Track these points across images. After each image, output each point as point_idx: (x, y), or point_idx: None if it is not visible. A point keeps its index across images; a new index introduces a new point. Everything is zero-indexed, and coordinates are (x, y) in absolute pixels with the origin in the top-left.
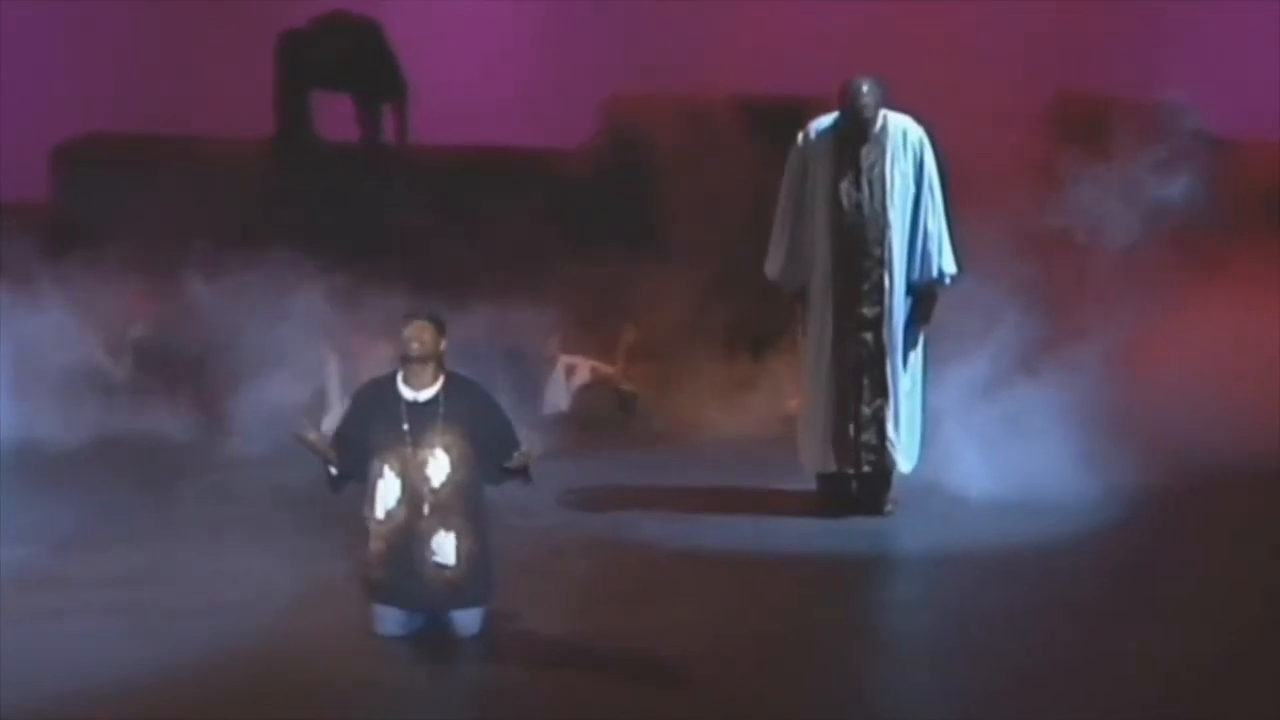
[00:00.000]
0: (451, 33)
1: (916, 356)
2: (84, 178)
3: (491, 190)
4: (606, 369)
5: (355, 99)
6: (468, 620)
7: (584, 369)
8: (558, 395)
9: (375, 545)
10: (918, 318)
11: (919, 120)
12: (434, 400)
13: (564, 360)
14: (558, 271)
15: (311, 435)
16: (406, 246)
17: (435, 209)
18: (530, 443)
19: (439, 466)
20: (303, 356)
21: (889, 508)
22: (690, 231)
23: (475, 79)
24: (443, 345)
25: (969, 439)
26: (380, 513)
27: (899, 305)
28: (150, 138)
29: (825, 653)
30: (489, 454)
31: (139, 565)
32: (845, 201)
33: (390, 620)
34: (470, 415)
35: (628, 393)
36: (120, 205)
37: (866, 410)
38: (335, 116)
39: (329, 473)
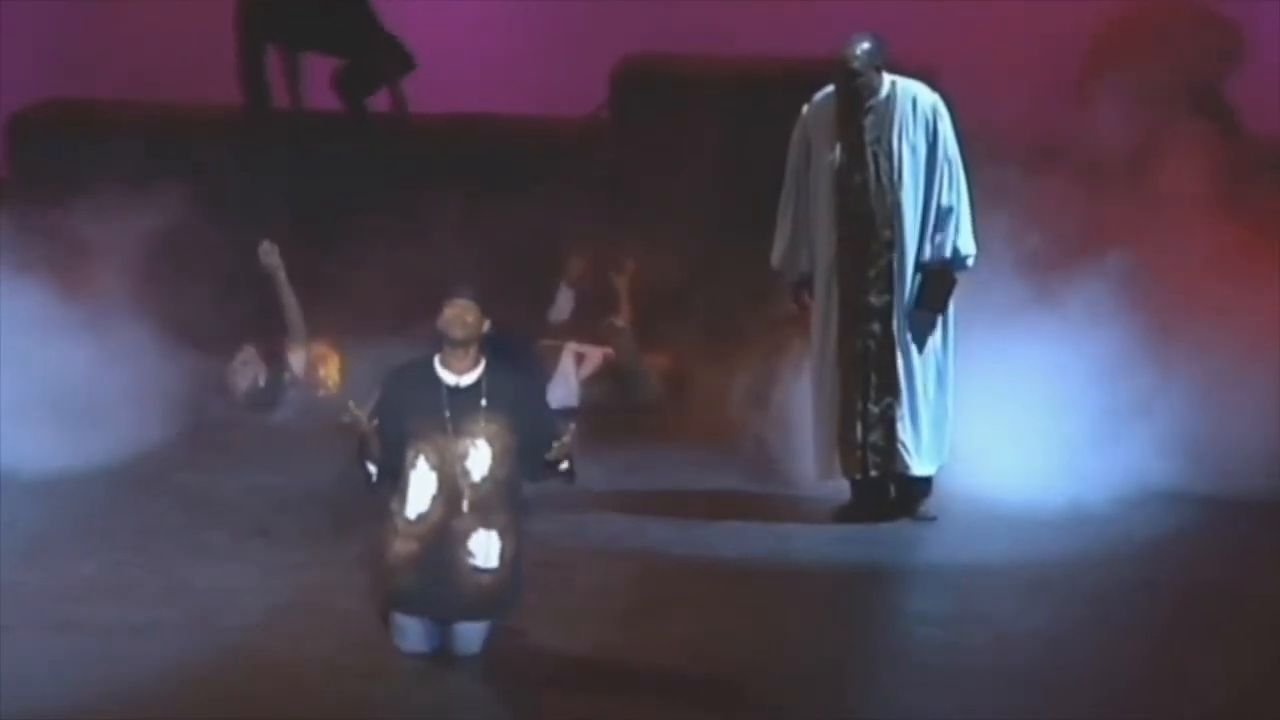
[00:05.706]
0: None
1: (945, 346)
2: (43, 145)
3: (490, 162)
4: (619, 356)
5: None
6: (472, 636)
7: (595, 357)
8: (565, 389)
9: (405, 547)
10: (925, 302)
11: (933, 86)
12: (476, 386)
13: (572, 349)
14: (562, 250)
15: (361, 421)
16: (383, 224)
17: (423, 182)
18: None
19: (480, 459)
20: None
21: (927, 512)
22: (713, 208)
23: (474, 44)
24: (486, 327)
25: (1003, 439)
26: (412, 511)
27: (911, 293)
28: (111, 103)
29: (842, 673)
30: (531, 446)
31: (98, 575)
32: (848, 180)
33: (414, 635)
34: (514, 403)
35: (641, 370)
36: (79, 173)
37: (874, 409)
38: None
39: (367, 471)
